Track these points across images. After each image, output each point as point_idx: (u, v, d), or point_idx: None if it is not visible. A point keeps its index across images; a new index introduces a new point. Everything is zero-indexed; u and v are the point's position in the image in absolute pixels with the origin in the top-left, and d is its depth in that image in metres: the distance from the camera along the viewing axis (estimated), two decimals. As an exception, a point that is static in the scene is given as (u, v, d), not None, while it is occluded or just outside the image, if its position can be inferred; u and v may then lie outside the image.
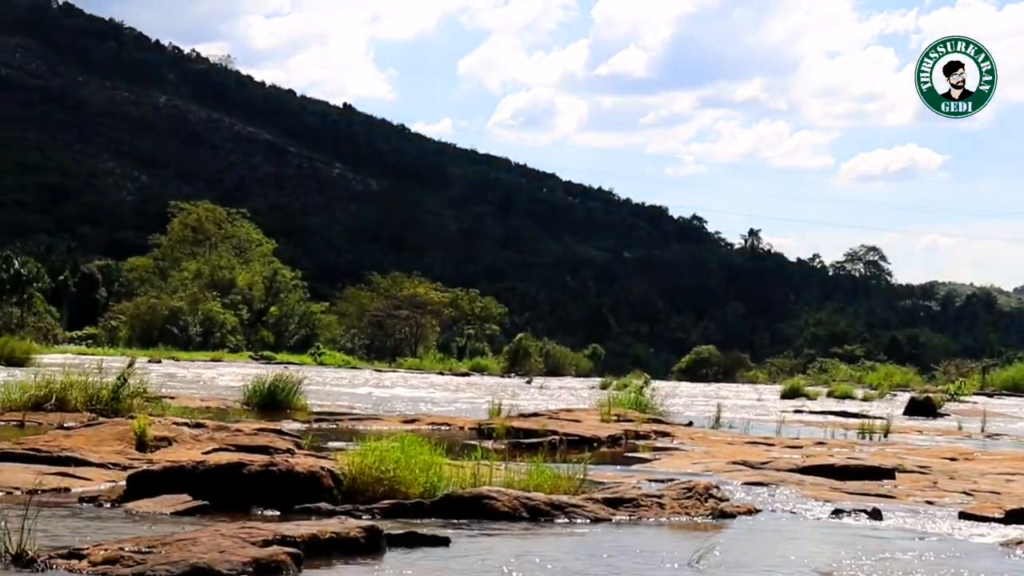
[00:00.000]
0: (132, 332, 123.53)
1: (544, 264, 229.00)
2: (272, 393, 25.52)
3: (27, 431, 17.02)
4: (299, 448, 14.85)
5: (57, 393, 19.84)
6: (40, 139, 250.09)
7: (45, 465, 12.48)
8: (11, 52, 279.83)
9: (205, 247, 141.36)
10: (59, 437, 14.63)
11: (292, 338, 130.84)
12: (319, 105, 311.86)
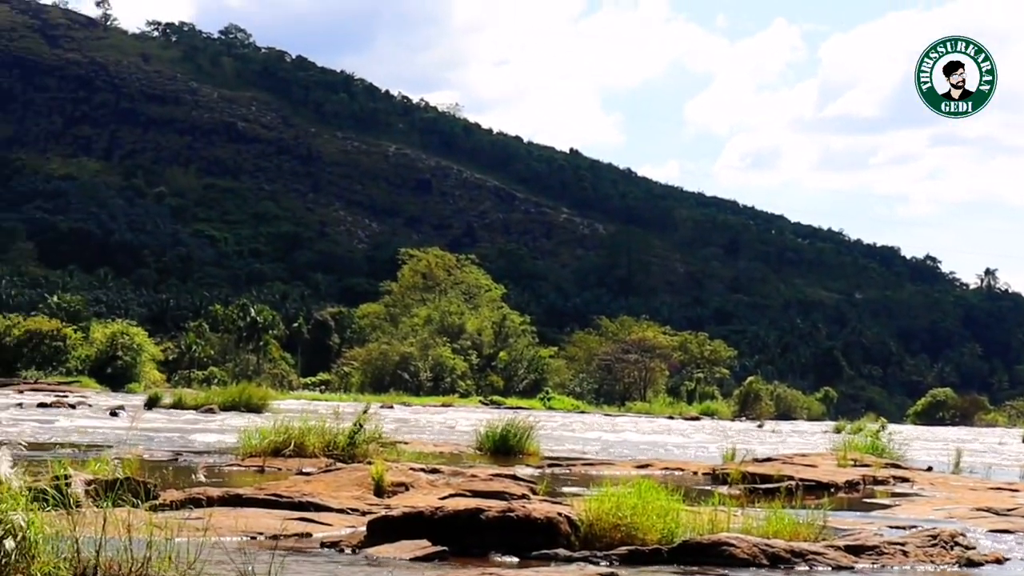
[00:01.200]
0: (364, 378, 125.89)
1: (773, 306, 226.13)
2: (504, 438, 25.55)
3: (267, 476, 17.34)
4: (534, 493, 14.78)
5: (295, 439, 20.17)
6: (274, 189, 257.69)
7: (287, 510, 12.67)
8: (247, 105, 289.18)
9: (435, 293, 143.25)
10: (299, 483, 14.85)
11: (521, 383, 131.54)
12: (546, 151, 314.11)
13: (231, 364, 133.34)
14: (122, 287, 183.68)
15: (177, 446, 24.75)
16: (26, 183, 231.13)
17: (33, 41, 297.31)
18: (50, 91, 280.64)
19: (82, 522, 8.34)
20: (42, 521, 7.96)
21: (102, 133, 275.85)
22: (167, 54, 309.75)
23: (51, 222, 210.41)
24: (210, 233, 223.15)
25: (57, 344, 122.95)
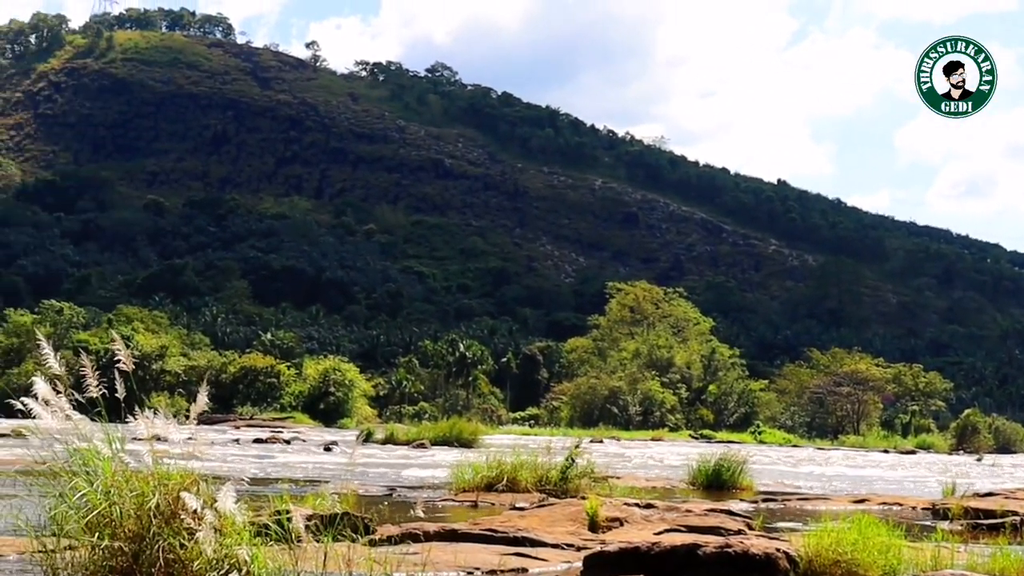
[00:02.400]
0: (573, 412, 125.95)
1: (990, 337, 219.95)
2: (717, 472, 25.24)
3: (481, 511, 17.36)
4: (750, 528, 14.52)
5: (508, 474, 20.19)
6: (482, 225, 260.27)
7: (502, 545, 12.64)
8: (454, 142, 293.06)
9: (643, 327, 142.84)
10: (513, 517, 14.83)
11: (731, 416, 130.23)
12: (753, 182, 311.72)
13: (441, 399, 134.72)
14: (333, 324, 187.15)
15: (390, 481, 25.00)
16: (240, 222, 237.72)
17: (246, 84, 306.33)
18: (262, 132, 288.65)
19: (303, 557, 8.40)
20: (265, 555, 8.04)
21: (312, 172, 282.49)
22: (375, 93, 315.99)
23: (264, 260, 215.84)
24: (419, 269, 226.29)
25: (271, 380, 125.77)
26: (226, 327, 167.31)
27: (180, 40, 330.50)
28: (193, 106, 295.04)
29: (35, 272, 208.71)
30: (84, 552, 8.21)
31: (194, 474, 8.32)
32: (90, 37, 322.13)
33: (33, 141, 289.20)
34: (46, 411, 8.31)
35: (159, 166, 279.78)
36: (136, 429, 8.61)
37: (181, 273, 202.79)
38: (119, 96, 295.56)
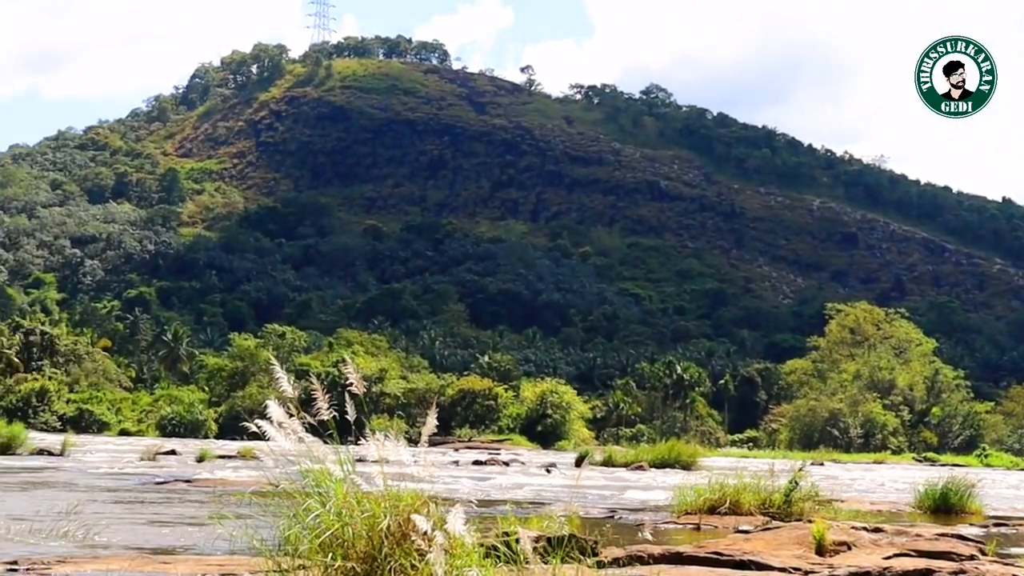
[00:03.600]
0: (792, 434, 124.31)
1: None
2: (945, 496, 24.56)
3: (704, 534, 17.20)
4: (982, 554, 14.07)
5: (730, 497, 19.97)
6: (698, 247, 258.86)
7: (728, 569, 12.49)
8: (669, 163, 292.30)
9: (864, 348, 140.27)
10: (738, 540, 14.64)
11: (955, 439, 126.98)
12: (976, 200, 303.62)
13: (658, 421, 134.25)
14: (550, 346, 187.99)
15: (611, 503, 24.95)
16: (457, 246, 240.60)
17: (462, 109, 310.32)
18: (478, 156, 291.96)
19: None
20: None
21: (528, 196, 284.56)
22: (590, 116, 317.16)
23: (481, 284, 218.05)
24: (635, 291, 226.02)
25: (489, 403, 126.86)
26: (444, 350, 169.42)
27: (397, 67, 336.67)
28: (410, 132, 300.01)
29: (258, 297, 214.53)
30: (317, 572, 8.36)
31: (424, 496, 8.41)
32: (309, 66, 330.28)
33: (255, 169, 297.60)
34: (280, 433, 8.49)
35: (377, 191, 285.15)
36: (362, 451, 8.74)
37: (399, 297, 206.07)
38: (338, 123, 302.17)
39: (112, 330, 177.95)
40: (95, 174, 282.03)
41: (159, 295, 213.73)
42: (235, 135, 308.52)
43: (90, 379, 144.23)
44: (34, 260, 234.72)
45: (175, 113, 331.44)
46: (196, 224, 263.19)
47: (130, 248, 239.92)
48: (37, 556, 12.67)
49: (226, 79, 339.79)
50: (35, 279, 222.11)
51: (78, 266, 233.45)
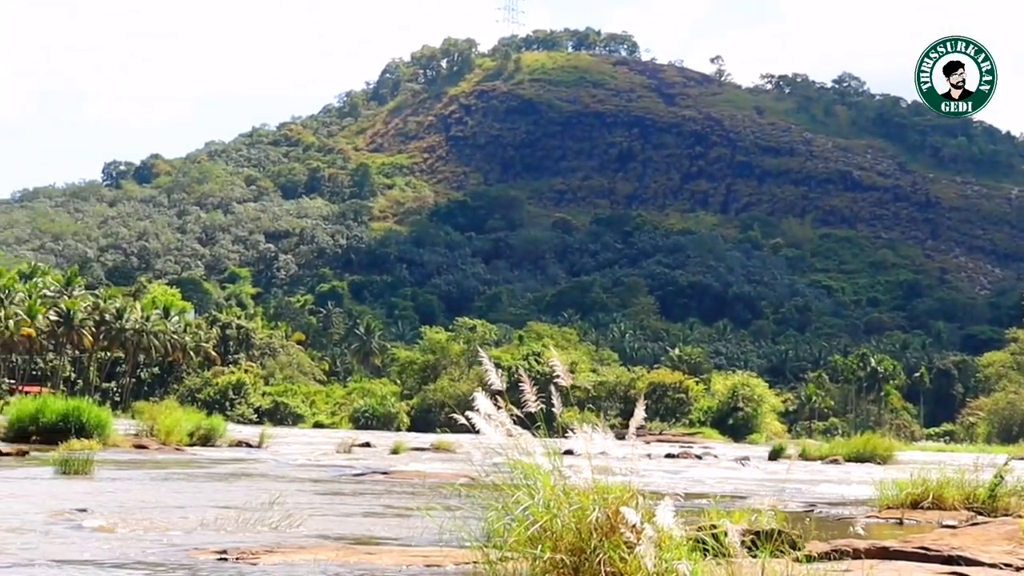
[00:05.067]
0: (991, 428, 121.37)
1: None
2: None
3: (908, 529, 16.87)
4: None
5: (933, 492, 19.53)
6: (892, 237, 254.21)
7: (937, 564, 12.22)
8: (862, 153, 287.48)
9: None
10: (944, 536, 14.31)
11: None
12: None
13: (851, 415, 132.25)
14: (741, 339, 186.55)
15: (807, 497, 24.63)
16: (646, 239, 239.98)
17: (651, 100, 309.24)
18: (668, 148, 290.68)
19: (739, 572, 8.33)
20: (702, 570, 8.01)
21: (718, 187, 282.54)
22: (781, 106, 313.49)
23: (671, 276, 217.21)
24: (827, 283, 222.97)
25: (679, 396, 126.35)
26: (633, 343, 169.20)
27: (586, 59, 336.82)
28: (599, 124, 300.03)
29: (448, 291, 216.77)
30: (524, 564, 8.39)
31: (633, 489, 8.37)
32: (498, 60, 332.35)
33: (445, 163, 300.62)
34: (489, 426, 8.53)
35: (566, 184, 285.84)
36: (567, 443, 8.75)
37: (589, 290, 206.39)
38: (527, 116, 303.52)
39: (305, 324, 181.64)
40: (288, 170, 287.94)
41: (351, 289, 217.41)
42: (425, 129, 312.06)
43: (285, 372, 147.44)
44: (230, 255, 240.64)
45: (366, 109, 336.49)
46: (387, 218, 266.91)
47: (323, 243, 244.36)
48: (245, 546, 12.95)
49: (416, 74, 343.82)
50: (231, 274, 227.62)
51: (272, 261, 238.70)
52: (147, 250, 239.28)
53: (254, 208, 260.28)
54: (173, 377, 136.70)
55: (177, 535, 14.52)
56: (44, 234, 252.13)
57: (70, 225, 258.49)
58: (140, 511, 17.54)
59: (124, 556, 12.41)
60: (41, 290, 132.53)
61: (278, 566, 11.60)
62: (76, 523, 15.57)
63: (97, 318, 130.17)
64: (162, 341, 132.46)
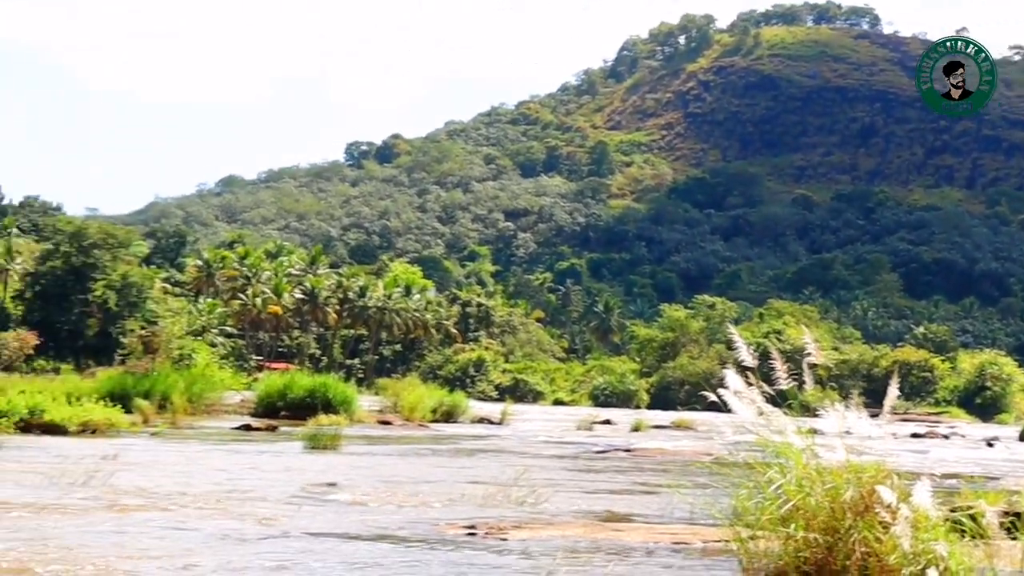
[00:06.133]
0: None
1: None
2: None
3: None
4: None
5: None
6: None
7: None
8: None
9: None
10: None
11: None
12: None
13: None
14: (988, 316, 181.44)
15: (1064, 480, 23.82)
16: (889, 215, 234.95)
17: (893, 74, 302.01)
18: (911, 123, 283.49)
19: (997, 554, 8.13)
20: (959, 552, 7.84)
21: (964, 162, 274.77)
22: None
23: (914, 253, 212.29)
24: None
25: (925, 375, 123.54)
26: (876, 320, 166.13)
27: (826, 33, 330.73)
28: (840, 99, 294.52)
29: (687, 268, 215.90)
30: (776, 542, 8.33)
31: (887, 468, 8.23)
32: (737, 35, 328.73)
33: (683, 140, 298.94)
34: (739, 403, 8.49)
35: (806, 160, 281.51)
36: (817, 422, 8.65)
37: (830, 267, 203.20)
38: (766, 92, 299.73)
39: (544, 301, 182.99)
40: (527, 148, 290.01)
41: (590, 267, 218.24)
42: (663, 107, 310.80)
43: (524, 349, 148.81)
44: (469, 233, 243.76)
45: (604, 86, 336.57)
46: (625, 196, 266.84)
47: (561, 221, 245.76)
48: (493, 521, 13.13)
49: (654, 51, 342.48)
50: (470, 252, 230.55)
51: (511, 239, 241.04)
52: (388, 229, 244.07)
53: (493, 187, 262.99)
54: (415, 354, 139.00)
55: (425, 510, 14.82)
56: (289, 214, 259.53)
57: (314, 205, 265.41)
58: (388, 486, 17.95)
59: (375, 529, 12.72)
60: (287, 269, 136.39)
61: (526, 542, 11.74)
62: (327, 497, 16.02)
63: (341, 296, 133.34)
64: (404, 319, 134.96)
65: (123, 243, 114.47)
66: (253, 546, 11.37)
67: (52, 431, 27.82)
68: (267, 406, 43.80)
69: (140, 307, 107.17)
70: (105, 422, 29.63)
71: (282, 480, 18.34)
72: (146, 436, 29.70)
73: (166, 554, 10.74)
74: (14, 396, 29.57)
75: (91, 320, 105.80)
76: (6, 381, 39.05)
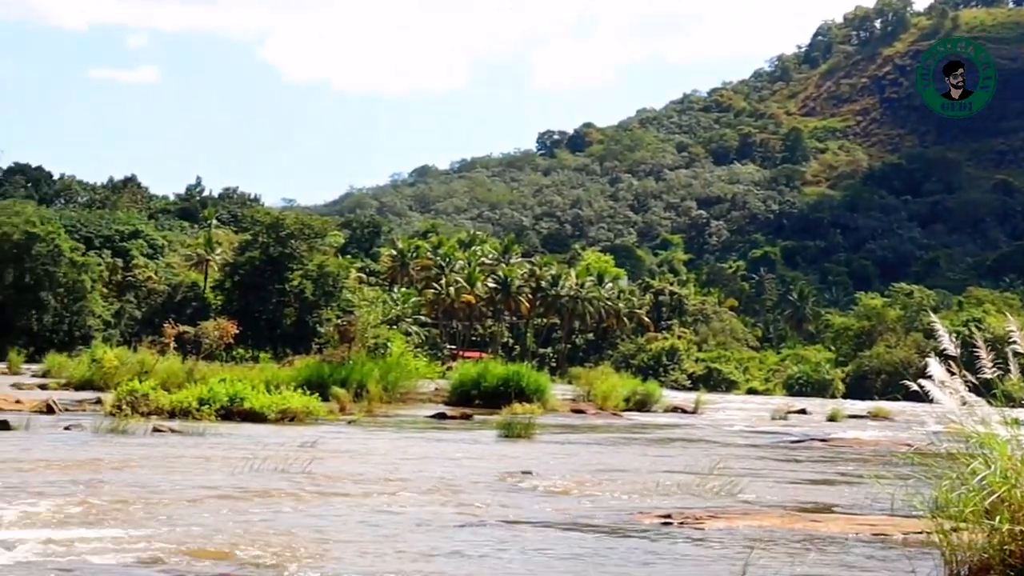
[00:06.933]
0: None
1: None
2: None
3: None
4: None
5: None
6: None
7: None
8: None
9: None
10: None
11: None
12: None
13: None
14: None
15: None
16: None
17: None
18: None
19: None
20: None
21: None
22: None
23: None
24: None
25: None
26: None
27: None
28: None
29: (883, 256, 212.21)
30: (980, 535, 8.15)
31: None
32: (934, 18, 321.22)
33: (879, 126, 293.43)
34: (942, 392, 8.32)
35: (1008, 145, 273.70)
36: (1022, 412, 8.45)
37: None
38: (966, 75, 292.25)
39: (738, 290, 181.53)
40: (719, 136, 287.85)
41: (783, 255, 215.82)
42: (858, 92, 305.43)
43: (717, 338, 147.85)
44: (661, 222, 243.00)
45: (798, 72, 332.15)
46: (820, 183, 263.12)
47: (754, 208, 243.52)
48: (689, 511, 13.10)
49: (849, 36, 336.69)
50: (663, 240, 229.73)
51: (704, 227, 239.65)
52: (580, 218, 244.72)
53: (685, 175, 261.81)
54: (607, 343, 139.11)
55: (620, 499, 14.85)
56: (482, 203, 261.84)
57: (506, 194, 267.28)
58: (582, 474, 18.01)
59: (571, 518, 12.79)
60: (480, 258, 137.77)
61: (723, 531, 11.68)
62: (522, 485, 16.14)
63: (533, 285, 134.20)
64: (596, 307, 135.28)
65: (319, 233, 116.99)
66: (453, 533, 11.54)
67: (252, 418, 28.45)
68: (461, 395, 44.29)
69: (336, 296, 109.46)
70: (303, 410, 30.21)
71: (478, 469, 18.53)
72: (343, 424, 30.26)
73: (370, 539, 10.96)
74: (215, 384, 30.35)
75: (288, 309, 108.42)
76: (207, 370, 40.26)
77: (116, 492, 13.45)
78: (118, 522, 11.33)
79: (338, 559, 9.77)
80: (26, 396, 33.58)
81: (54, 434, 22.27)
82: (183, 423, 25.53)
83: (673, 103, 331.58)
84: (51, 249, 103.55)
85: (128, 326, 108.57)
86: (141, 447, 19.89)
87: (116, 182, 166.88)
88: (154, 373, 37.69)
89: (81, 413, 28.46)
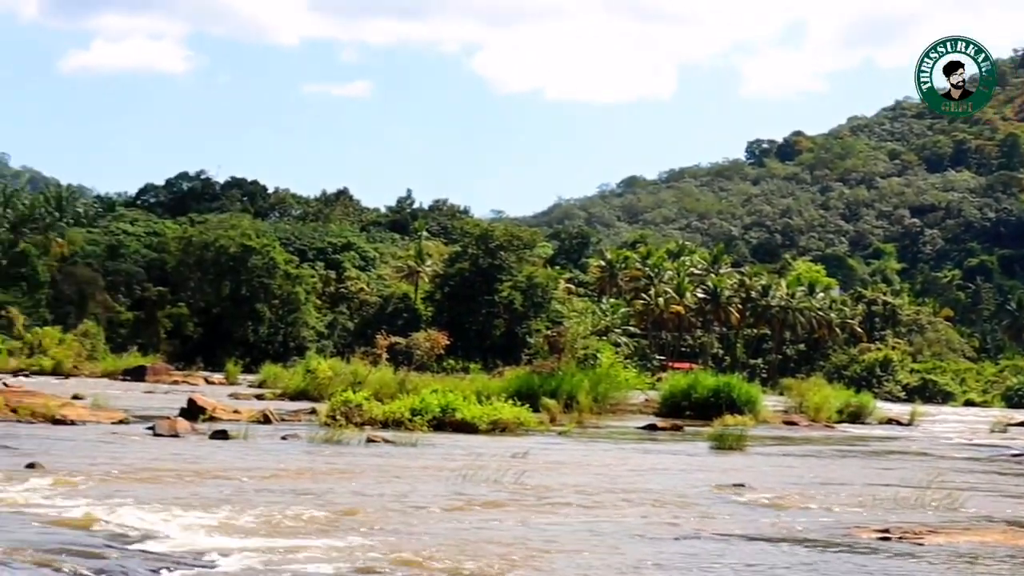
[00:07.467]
0: None
1: None
2: None
3: None
4: None
5: None
6: None
7: None
8: None
9: None
10: None
11: None
12: None
13: None
14: None
15: None
16: None
17: None
18: None
19: None
20: None
21: None
22: None
23: None
24: None
25: None
26: None
27: None
28: None
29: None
30: None
31: None
32: None
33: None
34: None
35: None
36: None
37: None
38: None
39: (953, 299, 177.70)
40: (933, 143, 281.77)
41: (1000, 263, 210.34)
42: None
43: (932, 349, 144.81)
44: (873, 230, 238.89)
45: (1014, 76, 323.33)
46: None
47: (970, 216, 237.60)
48: (907, 526, 12.87)
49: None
50: (875, 249, 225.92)
51: (917, 235, 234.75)
52: (790, 227, 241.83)
53: (898, 183, 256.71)
54: (819, 354, 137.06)
55: (835, 513, 14.67)
56: (690, 213, 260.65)
57: (715, 204, 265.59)
58: (796, 487, 17.85)
59: (786, 532, 12.68)
60: (688, 268, 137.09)
61: (943, 547, 11.47)
62: (736, 498, 16.05)
63: (743, 295, 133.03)
64: (807, 318, 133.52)
65: (528, 244, 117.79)
66: (667, 545, 11.56)
67: (463, 429, 28.78)
68: (671, 406, 44.08)
69: (545, 307, 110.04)
70: (514, 421, 30.43)
71: (691, 480, 18.50)
72: (554, 435, 30.42)
73: (586, 548, 11.04)
74: (427, 395, 30.81)
75: (497, 320, 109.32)
76: (418, 380, 40.84)
77: (334, 502, 13.79)
78: (336, 531, 11.63)
79: (552, 571, 9.85)
80: (244, 406, 34.61)
81: (271, 444, 22.91)
82: (396, 433, 25.96)
83: (885, 110, 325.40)
84: (266, 261, 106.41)
85: (341, 337, 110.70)
86: (356, 457, 20.34)
87: (329, 195, 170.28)
88: (367, 384, 38.46)
89: (297, 423, 29.21)
